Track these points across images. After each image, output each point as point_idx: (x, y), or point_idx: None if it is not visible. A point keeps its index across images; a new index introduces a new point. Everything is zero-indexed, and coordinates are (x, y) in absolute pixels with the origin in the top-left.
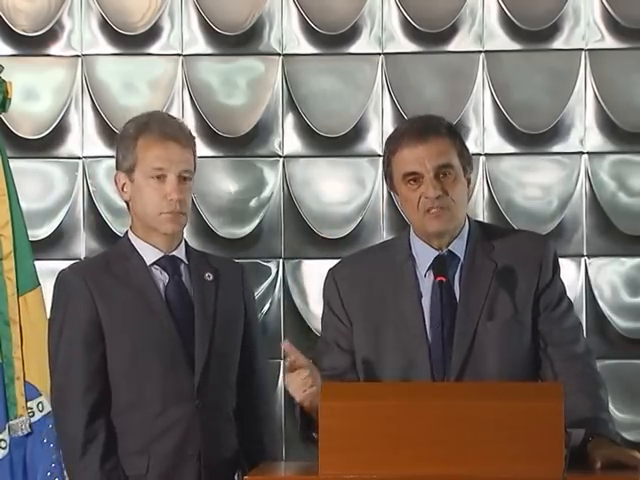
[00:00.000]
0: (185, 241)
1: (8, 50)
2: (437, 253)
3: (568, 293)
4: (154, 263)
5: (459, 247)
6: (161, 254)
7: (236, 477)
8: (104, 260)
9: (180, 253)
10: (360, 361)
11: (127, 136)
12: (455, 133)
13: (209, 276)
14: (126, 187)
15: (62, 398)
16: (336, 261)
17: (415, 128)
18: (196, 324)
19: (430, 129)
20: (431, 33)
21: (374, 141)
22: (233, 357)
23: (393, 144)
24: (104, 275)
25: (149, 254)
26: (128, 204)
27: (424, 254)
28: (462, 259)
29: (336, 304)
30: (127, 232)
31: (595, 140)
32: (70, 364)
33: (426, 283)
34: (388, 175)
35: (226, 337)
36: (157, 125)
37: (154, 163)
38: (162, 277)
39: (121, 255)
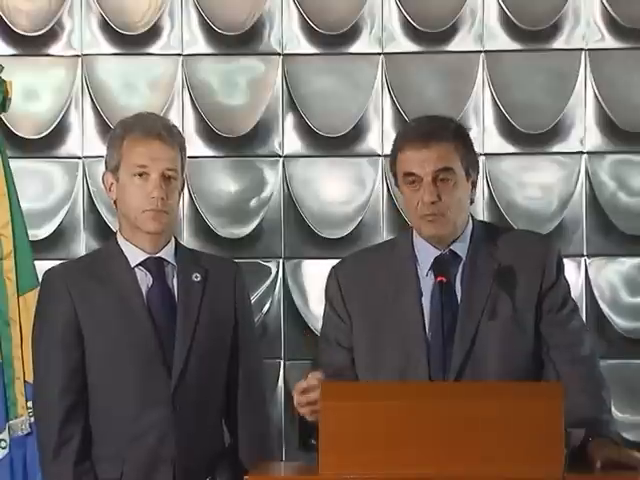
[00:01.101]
0: (176, 241)
1: (8, 50)
2: (439, 253)
3: None
4: (138, 264)
5: (461, 247)
6: (146, 255)
7: None
8: (89, 261)
9: (167, 254)
10: (359, 359)
11: (114, 136)
12: (461, 136)
13: (196, 277)
14: (113, 187)
15: (40, 398)
16: (336, 261)
17: (420, 130)
18: (177, 327)
19: (435, 133)
20: (431, 33)
21: (374, 141)
22: (218, 359)
23: (399, 143)
24: (86, 276)
25: (134, 255)
26: (116, 204)
27: (426, 253)
28: (464, 259)
29: (337, 301)
30: (116, 233)
31: (595, 140)
32: (48, 364)
33: (427, 283)
34: (393, 172)
35: (210, 339)
36: (141, 124)
37: (137, 160)
38: (146, 279)
39: (107, 256)
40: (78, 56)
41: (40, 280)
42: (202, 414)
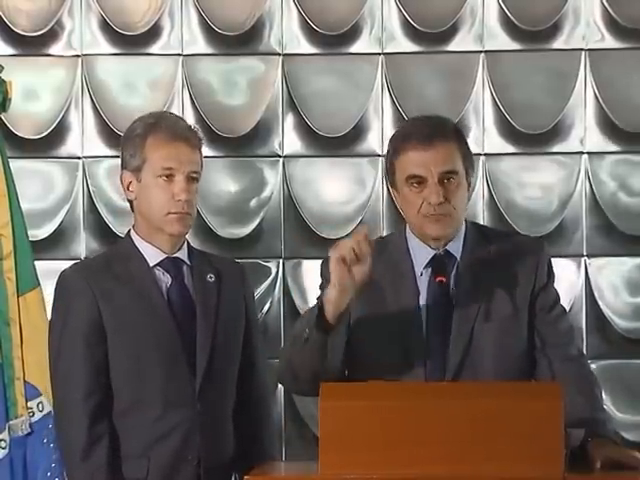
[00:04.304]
0: (187, 242)
1: (8, 50)
2: (434, 252)
3: (568, 293)
4: (157, 264)
5: (455, 247)
6: (164, 255)
7: (233, 479)
8: (105, 260)
9: (182, 254)
10: (355, 352)
11: (135, 135)
12: (461, 136)
13: (211, 277)
14: (132, 186)
15: (64, 401)
16: None
17: (422, 131)
18: (198, 327)
19: (437, 133)
20: (431, 33)
21: (374, 141)
22: (234, 358)
23: (399, 144)
24: (106, 276)
25: (152, 255)
26: (132, 204)
27: (421, 253)
28: (458, 259)
29: None
30: (129, 232)
31: (595, 140)
32: (72, 366)
33: (423, 282)
34: (390, 173)
35: (228, 338)
36: (166, 125)
37: (163, 163)
38: (164, 279)
39: (123, 255)
40: (78, 56)
41: (57, 281)
42: (223, 413)
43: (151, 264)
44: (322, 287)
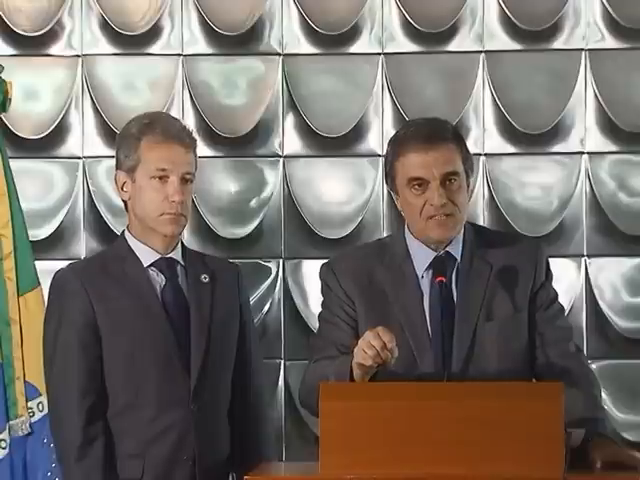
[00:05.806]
0: (182, 242)
1: (8, 50)
2: (435, 254)
3: (568, 293)
4: (151, 265)
5: (455, 248)
6: (158, 256)
7: (230, 478)
8: (100, 261)
9: (177, 255)
10: None
11: (129, 135)
12: (460, 138)
13: (205, 278)
14: (126, 186)
15: (59, 401)
16: None
17: (422, 133)
18: (192, 327)
19: (437, 135)
20: (431, 33)
21: (374, 141)
22: (229, 359)
23: (398, 147)
24: (101, 276)
25: (146, 256)
26: (126, 204)
27: (421, 254)
28: (459, 260)
29: (338, 290)
30: (124, 232)
31: (595, 140)
32: (67, 367)
33: (425, 283)
34: (390, 176)
35: (222, 339)
36: (161, 126)
37: (157, 164)
38: (159, 279)
39: (118, 256)
40: (78, 56)
41: (52, 281)
42: (217, 413)
43: (145, 264)
44: (323, 292)
